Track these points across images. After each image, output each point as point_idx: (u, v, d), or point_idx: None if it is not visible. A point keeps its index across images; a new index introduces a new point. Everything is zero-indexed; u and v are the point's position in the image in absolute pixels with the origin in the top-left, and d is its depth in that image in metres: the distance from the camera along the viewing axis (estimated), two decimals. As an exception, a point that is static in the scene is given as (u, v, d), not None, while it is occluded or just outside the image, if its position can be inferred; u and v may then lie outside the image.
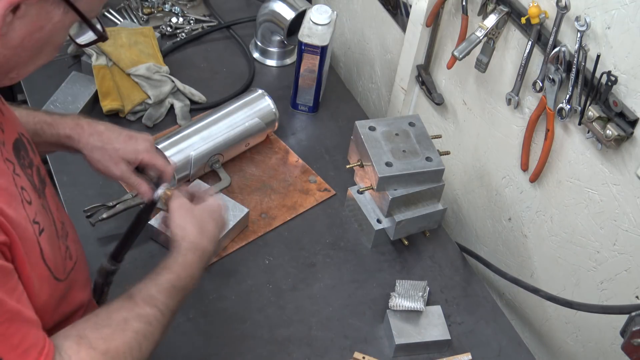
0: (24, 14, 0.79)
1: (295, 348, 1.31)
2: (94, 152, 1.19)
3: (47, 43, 0.85)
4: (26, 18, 0.80)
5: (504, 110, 1.41)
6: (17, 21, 0.80)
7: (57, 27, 0.84)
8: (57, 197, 1.10)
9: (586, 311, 1.23)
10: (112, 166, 1.20)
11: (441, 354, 1.34)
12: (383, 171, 1.36)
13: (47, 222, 0.95)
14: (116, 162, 1.20)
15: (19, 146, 0.97)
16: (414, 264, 1.47)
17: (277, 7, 1.75)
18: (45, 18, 0.82)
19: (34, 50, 0.85)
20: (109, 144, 1.20)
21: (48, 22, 0.82)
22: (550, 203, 1.36)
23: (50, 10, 0.81)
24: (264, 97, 1.59)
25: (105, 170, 1.20)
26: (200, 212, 1.13)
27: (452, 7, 1.46)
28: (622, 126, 1.12)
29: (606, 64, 1.13)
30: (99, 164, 1.20)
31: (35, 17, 0.81)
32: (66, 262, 1.00)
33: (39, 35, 0.83)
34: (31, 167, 0.98)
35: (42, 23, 0.82)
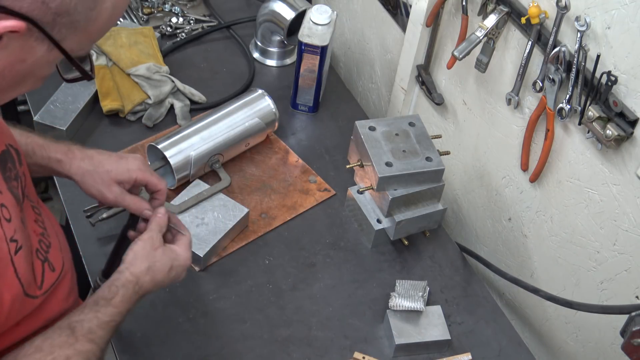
0: (5, 45, 0.79)
1: (295, 348, 1.31)
2: (85, 176, 1.17)
3: (29, 74, 0.85)
4: (8, 49, 0.79)
5: (504, 110, 1.41)
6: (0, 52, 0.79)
7: (40, 62, 0.83)
8: (40, 204, 1.09)
9: (586, 311, 1.23)
10: (104, 190, 1.17)
11: (441, 354, 1.34)
12: (383, 171, 1.36)
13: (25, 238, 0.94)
14: (108, 185, 1.17)
15: (6, 158, 0.96)
16: (414, 264, 1.47)
17: (277, 7, 1.75)
18: (28, 52, 0.81)
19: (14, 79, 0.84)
20: (100, 166, 1.17)
21: (31, 56, 0.82)
22: (550, 203, 1.36)
23: (34, 46, 0.81)
24: (264, 97, 1.59)
25: (99, 194, 1.18)
26: (162, 254, 1.11)
27: (452, 7, 1.46)
28: (622, 126, 1.12)
29: (606, 64, 1.13)
30: (92, 188, 1.18)
31: (18, 50, 0.80)
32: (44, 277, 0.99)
33: (21, 67, 0.82)
34: (17, 179, 0.98)
35: (24, 56, 0.81)
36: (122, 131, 1.61)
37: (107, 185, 1.17)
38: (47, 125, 1.54)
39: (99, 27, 0.84)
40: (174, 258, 1.12)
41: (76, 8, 0.79)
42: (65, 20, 0.80)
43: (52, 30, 0.80)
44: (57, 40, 0.81)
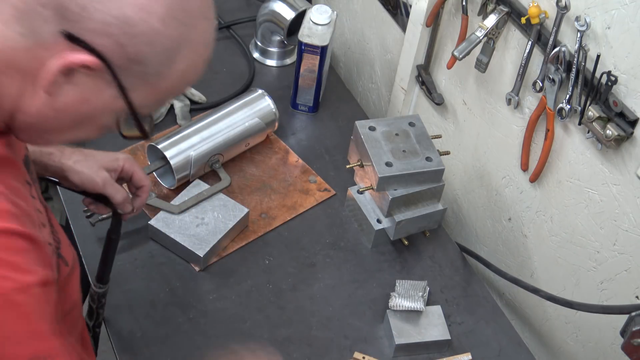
0: (76, 81, 0.78)
1: (295, 348, 1.31)
2: (76, 164, 1.18)
3: (90, 119, 0.84)
4: (77, 86, 0.79)
5: (504, 110, 1.41)
6: (67, 86, 0.78)
7: (104, 107, 0.82)
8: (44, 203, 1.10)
9: (586, 311, 1.23)
10: (93, 175, 1.18)
11: (441, 354, 1.34)
12: (383, 171, 1.36)
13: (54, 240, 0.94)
14: (97, 170, 1.19)
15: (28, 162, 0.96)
16: (414, 264, 1.47)
17: (277, 7, 1.75)
18: (95, 93, 0.80)
19: (75, 120, 0.83)
20: (89, 155, 1.20)
21: (96, 99, 0.80)
22: (550, 203, 1.36)
23: (102, 89, 0.79)
24: (264, 97, 1.59)
25: (89, 179, 1.18)
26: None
27: (452, 7, 1.46)
28: (622, 126, 1.12)
29: (606, 64, 1.13)
30: (82, 174, 1.18)
31: (86, 89, 0.79)
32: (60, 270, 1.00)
33: (84, 108, 0.81)
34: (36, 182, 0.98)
35: (90, 97, 0.80)
36: (122, 131, 1.61)
37: (95, 170, 1.19)
38: (47, 125, 1.54)
39: (167, 86, 0.83)
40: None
41: (150, 60, 0.78)
42: (137, 70, 0.79)
43: (122, 76, 0.78)
44: (126, 88, 0.80)
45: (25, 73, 0.78)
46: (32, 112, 0.80)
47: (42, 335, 0.79)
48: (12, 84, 0.79)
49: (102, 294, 1.21)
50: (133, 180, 1.25)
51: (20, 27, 0.75)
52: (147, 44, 0.77)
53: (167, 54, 0.79)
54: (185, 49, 0.80)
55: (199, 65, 0.83)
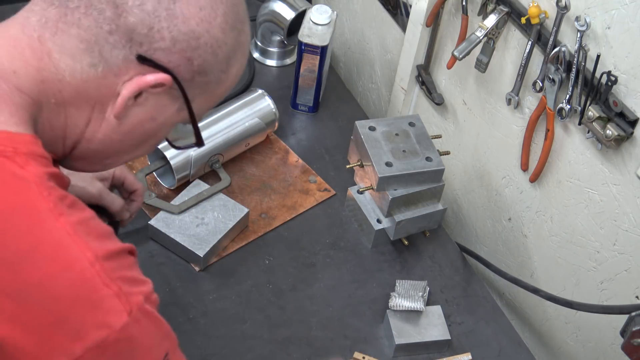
0: (143, 101, 0.79)
1: (295, 348, 1.31)
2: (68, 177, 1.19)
3: (153, 136, 0.85)
4: (144, 107, 0.80)
5: (504, 110, 1.41)
6: (136, 108, 0.79)
7: (168, 122, 0.83)
8: None
9: (586, 311, 1.23)
10: (88, 186, 1.19)
11: (441, 354, 1.34)
12: (383, 171, 1.36)
13: None
14: (90, 180, 1.20)
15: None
16: (414, 264, 1.47)
17: (277, 7, 1.75)
18: (160, 111, 0.81)
19: (139, 140, 0.84)
20: None
21: (161, 115, 0.82)
22: (550, 203, 1.36)
23: (167, 104, 0.81)
24: (264, 97, 1.59)
25: (83, 191, 1.19)
26: None
27: (452, 7, 1.46)
28: (622, 126, 1.12)
29: (606, 64, 1.13)
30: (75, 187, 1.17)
31: (152, 108, 0.80)
32: None
33: (149, 126, 0.82)
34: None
35: (156, 114, 0.81)
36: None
37: (89, 181, 1.20)
38: (47, 125, 1.54)
39: (222, 91, 0.85)
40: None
41: (213, 69, 0.80)
42: (201, 80, 0.80)
43: (188, 89, 0.80)
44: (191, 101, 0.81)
45: (94, 102, 0.78)
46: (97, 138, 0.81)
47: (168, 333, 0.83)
48: (81, 114, 0.79)
49: None
50: (125, 186, 1.26)
51: (89, 58, 0.75)
52: (211, 54, 0.78)
53: (227, 60, 0.80)
54: (238, 52, 0.82)
55: (244, 64, 0.86)
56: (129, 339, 0.74)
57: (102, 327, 0.72)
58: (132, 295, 0.74)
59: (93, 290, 0.72)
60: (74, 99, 0.78)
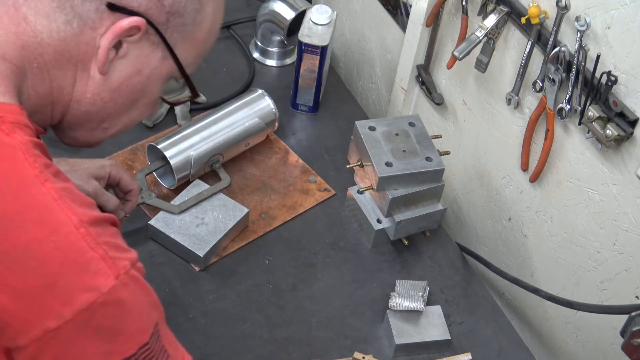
0: (125, 53, 0.80)
1: (295, 348, 1.31)
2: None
3: (143, 92, 0.86)
4: (127, 59, 0.81)
5: (504, 110, 1.41)
6: (118, 61, 0.80)
7: (154, 74, 0.84)
8: None
9: (586, 311, 1.23)
10: (84, 184, 1.20)
11: (441, 354, 1.34)
12: (383, 171, 1.36)
13: None
14: (87, 179, 1.21)
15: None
16: (414, 264, 1.47)
17: (277, 7, 1.75)
18: (144, 61, 0.82)
19: (131, 97, 0.85)
20: (76, 165, 1.21)
21: (146, 66, 0.83)
22: (550, 203, 1.36)
23: (149, 53, 0.82)
24: (264, 97, 1.59)
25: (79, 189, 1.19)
26: None
27: (452, 7, 1.46)
28: (622, 126, 1.12)
29: (606, 64, 1.13)
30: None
31: (135, 59, 0.81)
32: None
33: (137, 80, 0.83)
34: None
35: (140, 66, 0.82)
36: (122, 131, 1.61)
37: (85, 180, 1.21)
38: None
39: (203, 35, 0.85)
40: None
41: (186, 8, 0.81)
42: (176, 22, 0.81)
43: (165, 32, 0.81)
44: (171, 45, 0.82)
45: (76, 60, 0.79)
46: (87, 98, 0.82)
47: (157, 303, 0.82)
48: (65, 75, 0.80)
49: None
50: (121, 186, 1.28)
51: (63, 15, 0.77)
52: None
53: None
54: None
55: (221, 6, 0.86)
56: (117, 302, 0.74)
57: (91, 289, 0.72)
58: (119, 259, 0.74)
59: (80, 252, 0.72)
60: (56, 61, 0.79)
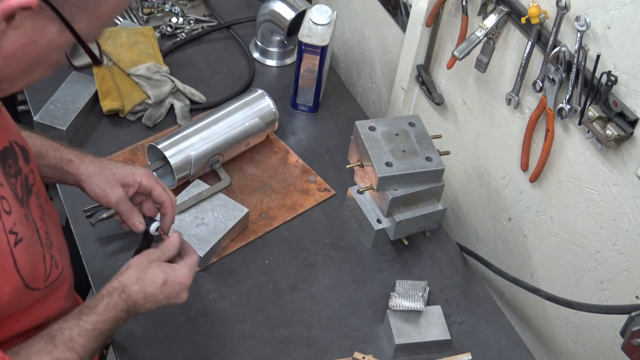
0: (18, 24, 0.78)
1: (295, 348, 1.31)
2: (92, 177, 1.18)
3: (41, 59, 0.84)
4: (20, 30, 0.79)
5: (504, 110, 1.41)
6: (11, 31, 0.79)
7: (51, 45, 0.82)
8: (48, 204, 1.09)
9: (586, 311, 1.23)
10: (108, 189, 1.18)
11: (441, 354, 1.34)
12: (383, 171, 1.36)
13: (29, 232, 0.94)
14: (113, 185, 1.18)
15: (7, 154, 0.96)
16: (414, 264, 1.47)
17: (277, 7, 1.75)
18: (39, 33, 0.80)
19: (26, 64, 0.83)
20: (107, 168, 1.19)
21: (42, 38, 0.81)
22: (550, 203, 1.36)
23: (45, 26, 0.80)
24: (264, 97, 1.59)
25: (103, 194, 1.18)
26: (155, 267, 1.08)
27: (452, 7, 1.46)
28: (622, 126, 1.12)
29: (606, 64, 1.13)
30: (97, 188, 1.18)
31: (30, 30, 0.80)
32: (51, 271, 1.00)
33: (32, 49, 0.82)
34: (17, 176, 0.97)
35: (35, 37, 0.81)
36: (122, 131, 1.61)
37: (111, 185, 1.18)
38: (47, 125, 1.54)
39: (108, 9, 0.83)
40: (170, 273, 1.09)
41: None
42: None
43: (63, 9, 0.79)
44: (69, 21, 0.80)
45: None
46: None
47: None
48: None
49: None
50: (152, 196, 1.22)
51: None
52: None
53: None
54: None
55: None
56: None
57: None
58: None
59: None
60: None
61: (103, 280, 1.34)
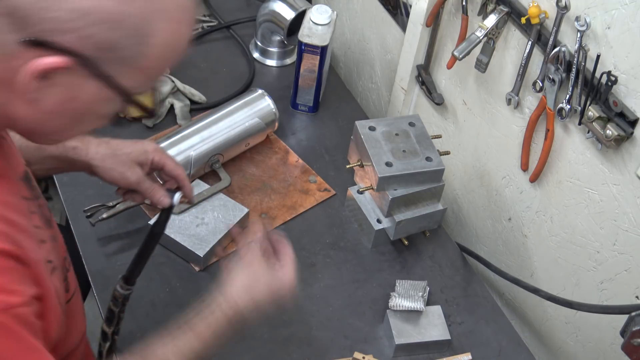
0: (54, 83, 0.75)
1: (295, 348, 1.31)
2: (105, 160, 1.14)
3: (86, 113, 0.81)
4: (57, 87, 0.76)
5: (504, 110, 1.41)
6: (48, 89, 0.76)
7: (94, 100, 0.79)
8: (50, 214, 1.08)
9: (586, 311, 1.23)
10: (127, 171, 1.15)
11: (441, 354, 1.34)
12: (383, 171, 1.36)
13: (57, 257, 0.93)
14: (130, 166, 1.15)
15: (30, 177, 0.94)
16: (414, 264, 1.47)
17: (277, 7, 1.75)
18: (78, 89, 0.77)
19: (71, 118, 0.80)
20: (118, 150, 1.15)
21: (82, 94, 0.77)
22: (550, 203, 1.36)
23: (83, 82, 0.76)
24: (264, 97, 1.59)
25: (121, 176, 1.15)
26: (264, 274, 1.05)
27: (452, 7, 1.46)
28: (622, 126, 1.12)
29: (606, 64, 1.13)
30: (113, 171, 1.15)
31: (68, 88, 0.77)
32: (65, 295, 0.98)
33: (74, 105, 0.78)
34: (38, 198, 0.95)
35: (75, 94, 0.77)
36: (122, 131, 1.61)
37: (128, 166, 1.15)
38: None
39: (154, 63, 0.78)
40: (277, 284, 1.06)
41: (122, 43, 0.75)
42: (112, 56, 0.75)
43: (99, 66, 0.75)
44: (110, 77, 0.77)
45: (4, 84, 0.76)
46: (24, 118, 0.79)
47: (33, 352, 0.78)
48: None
49: (126, 297, 1.14)
50: (165, 171, 1.20)
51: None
52: (111, 29, 0.73)
53: (137, 32, 0.75)
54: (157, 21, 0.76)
55: (182, 32, 0.79)
56: None
57: None
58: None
59: None
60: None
61: (103, 280, 1.35)
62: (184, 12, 0.78)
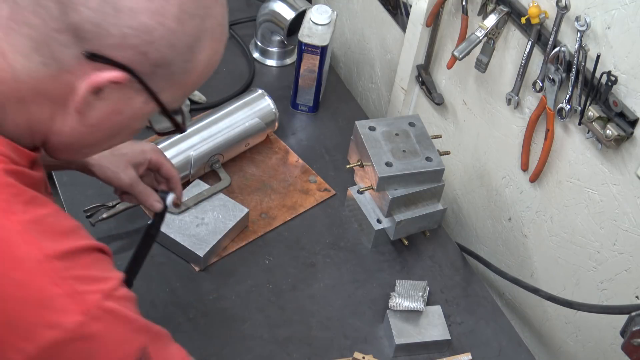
0: (105, 96, 0.77)
1: (295, 348, 1.31)
2: (101, 160, 1.17)
3: (124, 127, 0.83)
4: (107, 101, 0.78)
5: (504, 110, 1.41)
6: (98, 102, 0.78)
7: (136, 114, 0.81)
8: None
9: (586, 311, 1.23)
10: (120, 172, 1.17)
11: (441, 354, 1.34)
12: (383, 171, 1.36)
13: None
14: (125, 167, 1.18)
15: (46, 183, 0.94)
16: (414, 264, 1.47)
17: (277, 7, 1.75)
18: (125, 104, 0.79)
19: (110, 132, 0.83)
20: (115, 149, 1.17)
21: (128, 108, 0.80)
22: (550, 203, 1.36)
23: (132, 97, 0.79)
24: (264, 97, 1.59)
25: (114, 176, 1.17)
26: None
27: (452, 7, 1.46)
28: (622, 126, 1.12)
29: (606, 64, 1.13)
30: (108, 171, 1.17)
31: (116, 101, 0.79)
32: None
33: (117, 119, 0.81)
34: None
35: (121, 107, 0.80)
36: (122, 131, 1.61)
37: (123, 168, 1.18)
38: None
39: (193, 79, 0.83)
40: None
41: (174, 60, 0.78)
42: (163, 72, 0.78)
43: (150, 81, 0.78)
44: (155, 92, 0.79)
45: (54, 99, 0.77)
46: (65, 132, 0.80)
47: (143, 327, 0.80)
48: (43, 110, 0.78)
49: None
50: (161, 172, 1.22)
51: (40, 56, 0.74)
52: (168, 46, 0.76)
53: (189, 49, 0.79)
54: (204, 39, 0.81)
55: (219, 48, 0.85)
56: (87, 337, 0.73)
57: (54, 327, 0.71)
58: (87, 294, 0.73)
59: (41, 289, 0.72)
60: (33, 97, 0.77)
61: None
62: (222, 30, 0.84)
